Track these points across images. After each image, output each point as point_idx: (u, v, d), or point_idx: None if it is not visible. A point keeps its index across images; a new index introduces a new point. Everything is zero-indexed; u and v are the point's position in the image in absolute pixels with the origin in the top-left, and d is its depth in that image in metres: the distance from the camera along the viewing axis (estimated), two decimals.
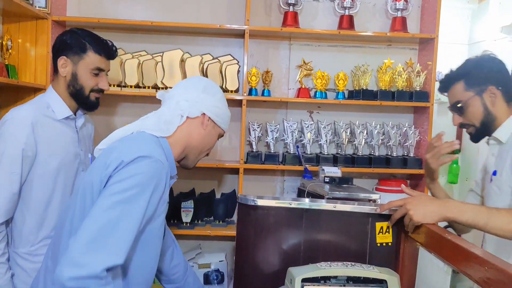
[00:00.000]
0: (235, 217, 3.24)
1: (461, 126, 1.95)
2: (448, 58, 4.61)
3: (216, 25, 3.10)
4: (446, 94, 1.99)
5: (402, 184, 1.78)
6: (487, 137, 1.95)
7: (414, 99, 3.22)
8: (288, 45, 3.40)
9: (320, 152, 3.30)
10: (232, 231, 3.11)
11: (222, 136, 1.85)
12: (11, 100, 2.97)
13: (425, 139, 3.25)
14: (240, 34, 3.25)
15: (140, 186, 1.39)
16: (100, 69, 2.03)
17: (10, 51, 2.82)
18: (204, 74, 3.14)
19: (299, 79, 3.34)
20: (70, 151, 2.01)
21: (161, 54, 3.14)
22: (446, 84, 1.95)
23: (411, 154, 3.30)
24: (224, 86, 3.14)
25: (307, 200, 1.79)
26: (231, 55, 3.23)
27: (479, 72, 1.87)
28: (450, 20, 4.51)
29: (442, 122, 4.68)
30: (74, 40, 1.99)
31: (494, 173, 1.88)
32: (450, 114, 2.03)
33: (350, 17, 3.26)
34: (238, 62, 3.20)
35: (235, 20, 3.28)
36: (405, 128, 3.31)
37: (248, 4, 3.09)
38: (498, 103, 1.86)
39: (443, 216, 1.51)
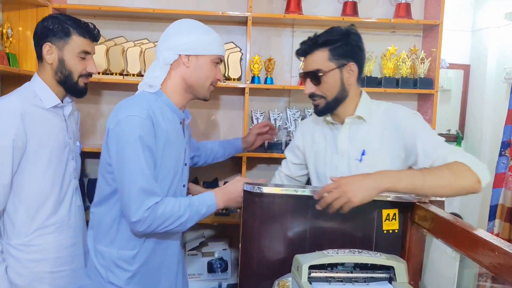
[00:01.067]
0: None
1: (311, 96, 1.86)
2: (452, 45, 4.60)
3: (218, 12, 3.06)
4: (301, 58, 1.90)
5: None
6: (328, 115, 1.92)
7: (419, 86, 3.19)
8: (291, 32, 3.37)
9: None
10: (235, 220, 3.11)
11: (221, 59, 1.93)
12: (12, 88, 2.93)
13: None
14: (242, 22, 3.22)
15: (128, 143, 1.69)
16: (86, 52, 1.99)
17: (10, 39, 2.80)
18: None
19: (302, 66, 3.31)
20: (59, 141, 1.99)
21: None
22: (309, 48, 1.82)
23: None
24: (226, 74, 3.12)
25: (312, 187, 1.77)
26: (233, 43, 3.20)
27: (346, 46, 1.80)
28: (453, 7, 4.48)
29: (445, 109, 4.68)
30: (56, 25, 1.94)
31: (363, 153, 1.86)
32: (454, 102, 2.01)
33: (354, 4, 3.22)
34: (241, 49, 3.17)
35: (237, 7, 3.25)
36: None
37: None
38: (353, 81, 1.84)
39: (382, 187, 1.54)
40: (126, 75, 3.07)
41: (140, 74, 3.08)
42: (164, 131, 1.80)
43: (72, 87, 2.00)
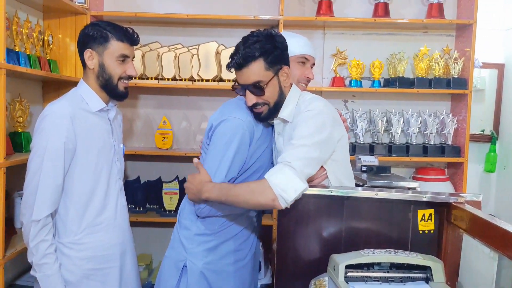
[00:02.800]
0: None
1: (254, 105, 1.82)
2: (485, 44, 4.52)
3: (250, 16, 3.11)
4: (232, 71, 1.84)
5: (194, 159, 1.90)
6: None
7: (452, 86, 3.17)
8: (322, 34, 3.39)
9: (356, 141, 3.29)
10: (267, 220, 3.14)
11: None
12: (53, 93, 3.07)
13: (463, 127, 3.20)
14: (273, 25, 3.26)
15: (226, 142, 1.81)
16: (125, 56, 2.06)
17: (51, 46, 2.91)
18: None
19: (334, 68, 3.33)
20: (106, 143, 2.07)
21: (196, 46, 3.18)
22: (244, 61, 1.77)
23: (449, 142, 3.25)
24: None
25: (347, 188, 1.79)
26: None
27: (276, 51, 1.78)
28: (486, 5, 4.40)
29: (479, 109, 4.60)
30: (96, 31, 2.02)
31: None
32: (488, 102, 1.98)
33: (385, 5, 3.22)
34: None
35: (268, 11, 3.29)
36: (442, 116, 3.26)
37: None
38: (288, 82, 1.83)
39: (202, 196, 1.78)
40: (161, 79, 3.15)
41: (174, 78, 3.16)
42: (257, 139, 1.89)
43: (113, 91, 2.07)
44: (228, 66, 1.83)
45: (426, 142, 3.30)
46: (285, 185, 1.60)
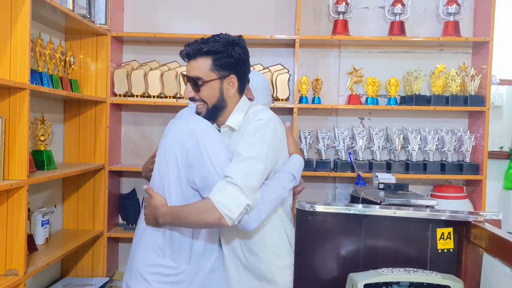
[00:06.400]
0: None
1: (191, 99, 1.82)
2: (502, 61, 4.50)
3: (266, 36, 3.16)
4: (185, 60, 1.82)
5: (144, 186, 1.83)
6: (221, 126, 1.87)
7: (469, 104, 3.16)
8: (338, 53, 3.42)
9: (373, 159, 3.29)
10: None
11: None
12: (74, 112, 3.14)
13: (481, 144, 3.18)
14: (290, 44, 3.30)
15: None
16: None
17: (72, 66, 2.98)
18: None
19: (350, 86, 3.35)
20: None
21: None
22: (193, 54, 1.77)
23: (467, 160, 3.23)
24: (275, 95, 3.19)
25: (365, 206, 1.80)
26: (281, 64, 3.29)
27: (229, 58, 1.76)
28: (502, 22, 4.40)
29: (497, 126, 4.56)
30: None
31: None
32: (507, 118, 1.97)
33: (401, 23, 3.25)
34: (288, 71, 3.24)
35: (284, 30, 3.34)
36: (460, 133, 3.25)
37: (298, 14, 3.14)
38: (233, 92, 1.81)
39: (158, 221, 1.72)
40: (180, 98, 3.20)
41: None
42: None
43: None
44: (180, 53, 1.83)
45: (444, 159, 3.28)
46: (229, 203, 1.61)
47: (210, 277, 1.80)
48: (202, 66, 1.76)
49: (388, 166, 3.20)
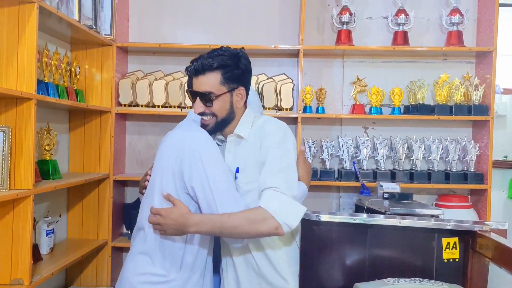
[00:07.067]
0: None
1: (201, 114, 1.81)
2: (505, 70, 4.51)
3: (270, 46, 3.18)
4: (194, 76, 1.81)
5: (163, 192, 1.71)
6: (223, 136, 1.90)
7: (473, 113, 3.16)
8: (341, 63, 3.44)
9: (377, 168, 3.29)
10: None
11: None
12: (79, 122, 3.16)
13: (485, 153, 3.18)
14: (293, 54, 3.32)
15: None
16: None
17: (78, 76, 3.00)
18: (260, 93, 3.21)
19: (353, 95, 3.36)
20: None
21: None
22: (202, 69, 1.78)
23: (472, 169, 3.23)
24: (279, 104, 3.20)
25: (370, 215, 1.80)
26: (285, 74, 3.30)
27: (237, 70, 1.80)
28: (506, 31, 4.41)
29: (501, 135, 4.56)
30: None
31: (237, 170, 1.82)
32: (510, 127, 1.97)
33: (404, 33, 3.26)
34: (292, 80, 3.26)
35: (288, 40, 3.36)
36: (464, 143, 3.25)
37: (302, 24, 3.15)
38: (241, 104, 1.84)
39: (187, 231, 1.65)
40: (184, 107, 3.21)
41: None
42: None
43: None
44: (186, 70, 1.83)
45: (448, 169, 3.28)
46: (286, 211, 1.61)
47: (202, 282, 1.77)
48: (212, 80, 1.78)
49: (392, 176, 3.20)
